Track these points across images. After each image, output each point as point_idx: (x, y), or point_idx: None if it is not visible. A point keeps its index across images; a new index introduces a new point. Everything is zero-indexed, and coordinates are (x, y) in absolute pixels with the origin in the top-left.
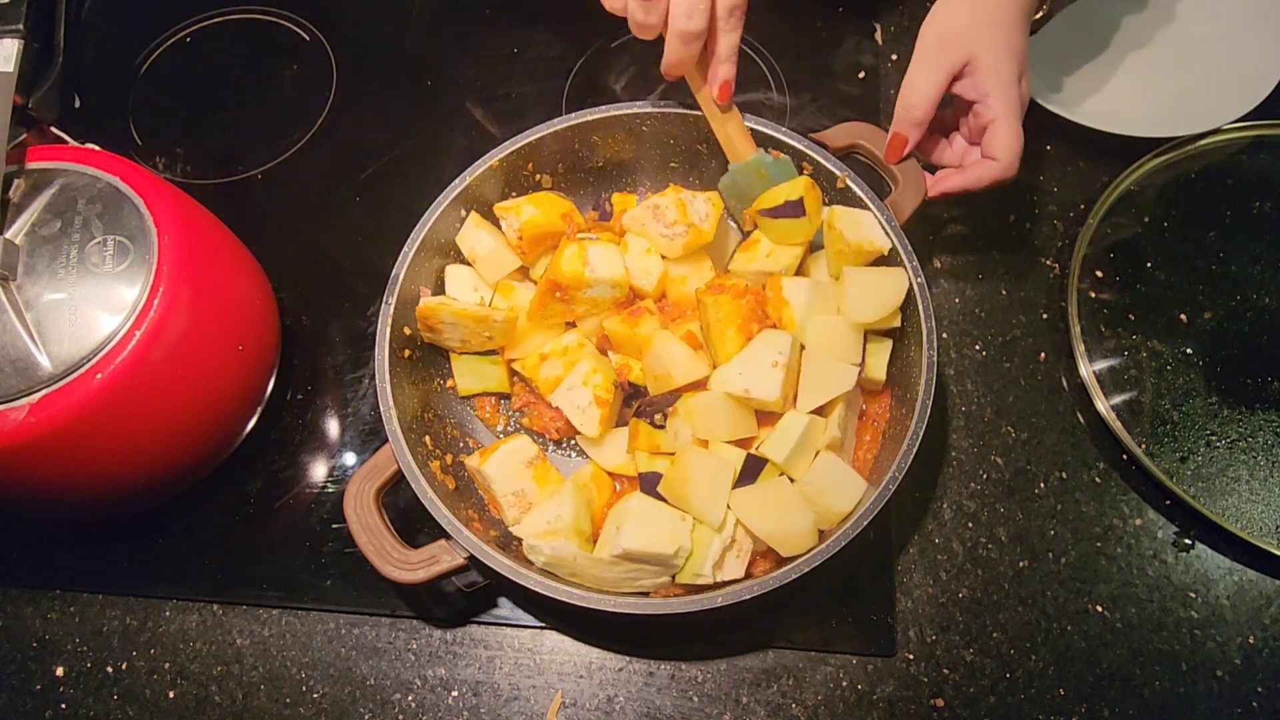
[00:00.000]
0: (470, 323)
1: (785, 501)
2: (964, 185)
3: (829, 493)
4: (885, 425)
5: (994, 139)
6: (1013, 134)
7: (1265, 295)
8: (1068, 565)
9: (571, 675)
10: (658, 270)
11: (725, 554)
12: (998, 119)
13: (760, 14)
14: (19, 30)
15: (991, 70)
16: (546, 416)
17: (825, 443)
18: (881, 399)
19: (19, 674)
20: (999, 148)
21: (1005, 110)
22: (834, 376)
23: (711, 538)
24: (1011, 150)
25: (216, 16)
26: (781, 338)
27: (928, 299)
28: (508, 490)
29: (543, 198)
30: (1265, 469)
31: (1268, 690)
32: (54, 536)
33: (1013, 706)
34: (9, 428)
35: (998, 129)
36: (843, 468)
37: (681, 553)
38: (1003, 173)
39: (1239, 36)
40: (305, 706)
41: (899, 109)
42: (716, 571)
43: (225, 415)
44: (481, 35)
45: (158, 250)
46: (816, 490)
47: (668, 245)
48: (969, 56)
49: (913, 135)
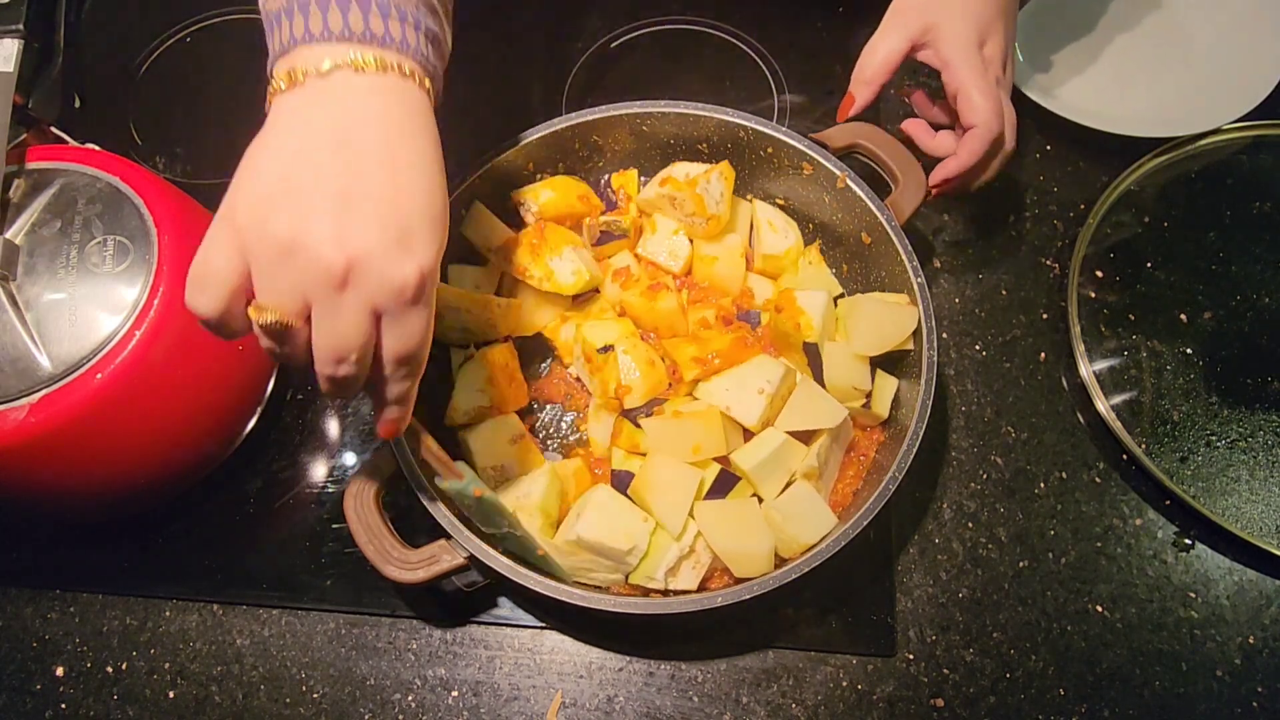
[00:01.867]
0: (474, 307)
1: (748, 521)
2: (958, 167)
3: (796, 521)
4: (870, 462)
5: (966, 105)
6: (982, 93)
7: (1265, 295)
8: (1068, 565)
9: (571, 675)
10: (685, 252)
11: (681, 562)
12: (963, 83)
13: (761, 15)
14: (19, 30)
15: (951, 36)
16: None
17: (802, 471)
18: (872, 434)
19: (19, 674)
20: (973, 112)
21: (969, 73)
22: (821, 409)
23: (669, 544)
24: (987, 111)
25: (216, 16)
26: (774, 367)
27: (928, 299)
28: (488, 464)
29: (559, 181)
30: (1265, 469)
31: (1268, 690)
32: (54, 536)
33: (1013, 706)
34: (9, 428)
35: (968, 94)
36: (815, 499)
37: (636, 552)
38: (987, 135)
39: (1239, 36)
40: (305, 706)
41: (855, 70)
42: (670, 578)
43: (225, 415)
44: (481, 35)
45: (158, 250)
46: (784, 516)
47: (691, 230)
48: (928, 23)
49: (860, 93)
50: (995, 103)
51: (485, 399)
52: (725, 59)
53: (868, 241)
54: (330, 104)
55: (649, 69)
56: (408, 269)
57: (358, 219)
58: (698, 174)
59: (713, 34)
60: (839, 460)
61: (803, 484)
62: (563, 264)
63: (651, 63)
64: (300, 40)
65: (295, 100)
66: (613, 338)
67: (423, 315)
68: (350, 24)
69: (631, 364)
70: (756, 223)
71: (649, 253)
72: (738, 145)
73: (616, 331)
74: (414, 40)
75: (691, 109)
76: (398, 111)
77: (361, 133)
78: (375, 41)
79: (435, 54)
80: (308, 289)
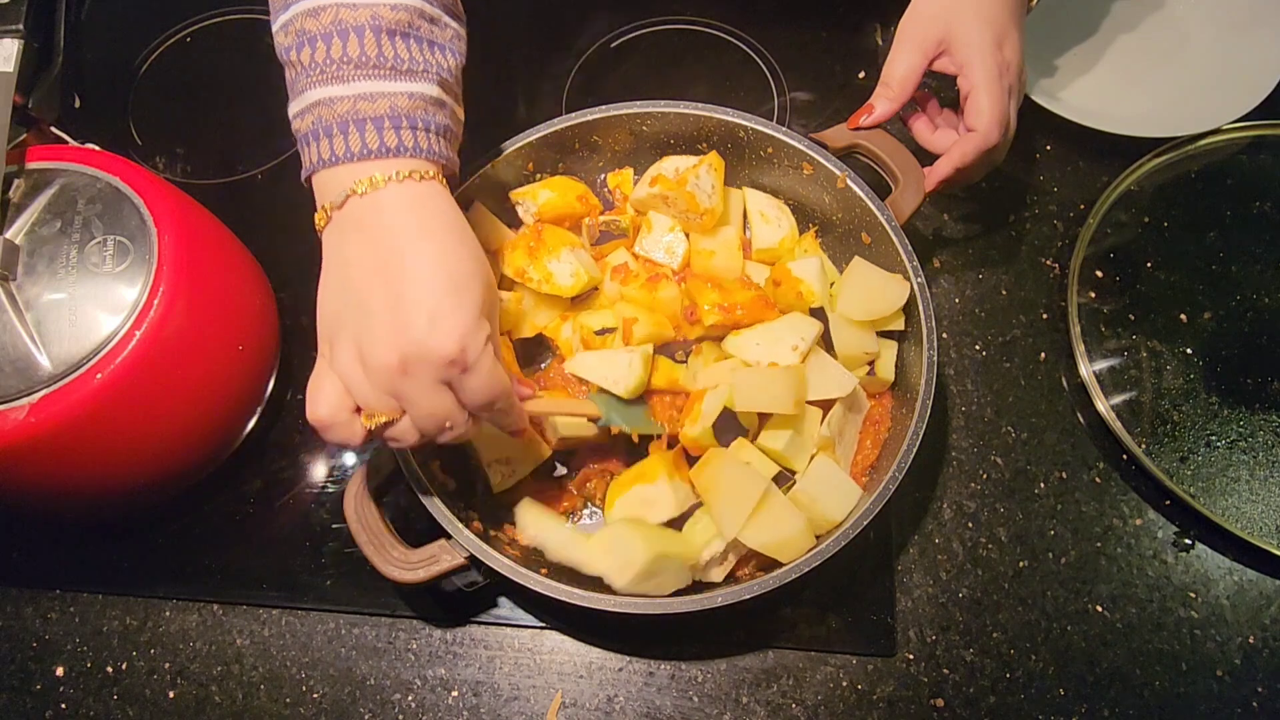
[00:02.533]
0: None
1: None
2: (951, 166)
3: (823, 500)
4: (886, 429)
5: (973, 109)
6: (991, 100)
7: (1265, 295)
8: (1068, 565)
9: (571, 675)
10: (681, 248)
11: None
12: (975, 86)
13: (761, 15)
14: (19, 30)
15: (966, 42)
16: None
17: (819, 443)
18: (884, 400)
19: (19, 674)
20: (976, 116)
21: (982, 77)
22: (833, 378)
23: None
24: (990, 117)
25: (216, 16)
26: (808, 325)
27: (928, 299)
28: (493, 458)
29: (557, 182)
30: (1265, 469)
31: (1268, 690)
32: (54, 536)
33: (1013, 706)
34: (9, 428)
35: (977, 97)
36: (838, 473)
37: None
38: (983, 142)
39: (1239, 36)
40: (305, 706)
41: (878, 86)
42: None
43: (225, 415)
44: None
45: (158, 250)
46: (810, 498)
47: (687, 225)
48: (945, 33)
49: (880, 107)
50: (1000, 113)
51: None
52: (725, 59)
53: (868, 241)
54: (360, 233)
55: (649, 69)
56: (445, 343)
57: (400, 321)
58: (687, 169)
59: (713, 34)
60: (856, 431)
61: (823, 459)
62: (561, 266)
63: (651, 63)
64: (327, 163)
65: (333, 237)
66: (611, 322)
67: (482, 369)
68: (368, 143)
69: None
70: (749, 214)
71: (646, 250)
72: (738, 145)
73: (614, 318)
74: (425, 143)
75: (691, 109)
76: (419, 213)
77: (390, 247)
78: (391, 154)
79: (448, 145)
80: (389, 388)
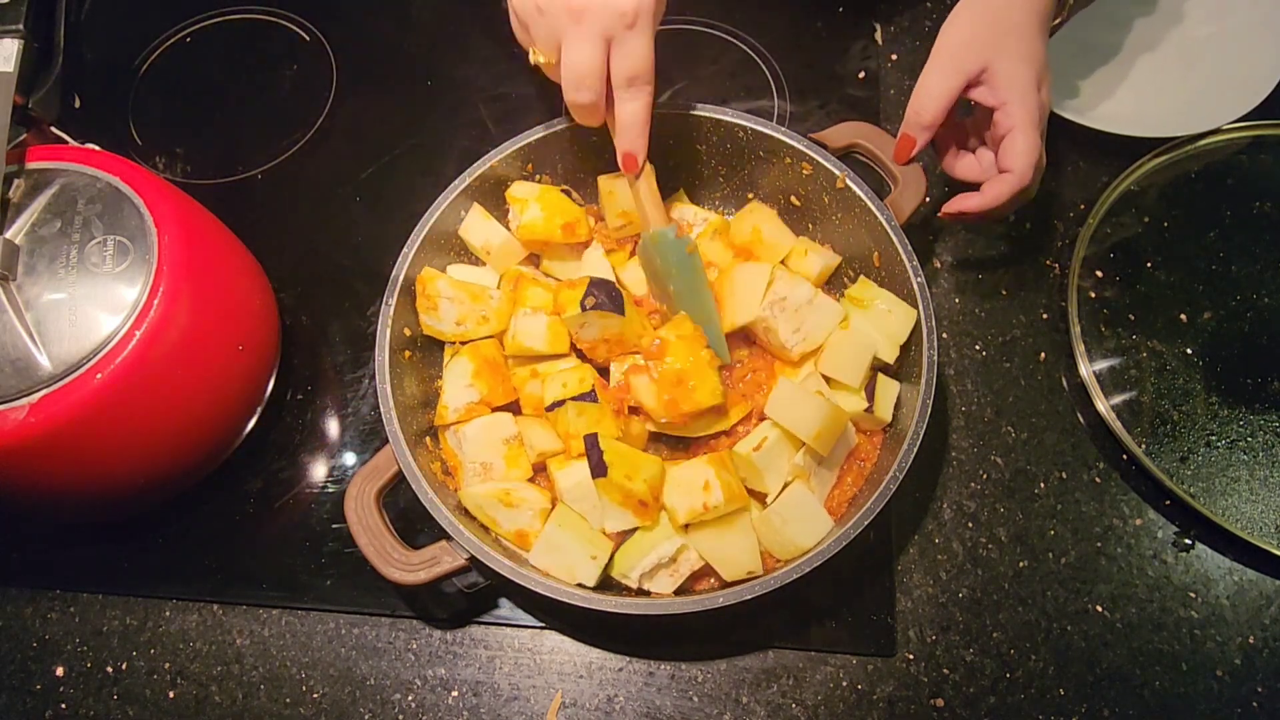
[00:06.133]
0: (467, 298)
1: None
2: (981, 205)
3: (793, 525)
4: (872, 465)
5: (1010, 149)
6: (1029, 144)
7: (1265, 295)
8: (1068, 565)
9: (571, 675)
10: None
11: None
12: (1015, 128)
13: (761, 15)
14: (19, 30)
15: (1010, 78)
16: None
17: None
18: (874, 439)
19: (19, 674)
20: (1014, 158)
21: (1023, 119)
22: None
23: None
24: (1026, 160)
25: (216, 16)
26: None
27: (928, 299)
28: (477, 459)
29: (553, 200)
30: (1265, 469)
31: (1268, 690)
32: (54, 536)
33: (1013, 706)
34: (9, 428)
35: (1014, 139)
36: (811, 502)
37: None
38: (1017, 184)
39: (1240, 37)
40: (305, 706)
41: (910, 111)
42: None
43: (225, 415)
44: (481, 35)
45: (158, 250)
46: (781, 521)
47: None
48: (986, 63)
49: (921, 138)
50: (1036, 155)
51: (474, 393)
52: (725, 59)
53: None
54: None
55: None
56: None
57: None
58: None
59: (713, 34)
60: (838, 464)
61: (798, 486)
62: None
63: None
64: None
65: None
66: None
67: (643, 39)
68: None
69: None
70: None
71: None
72: (738, 145)
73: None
74: None
75: (691, 109)
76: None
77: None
78: None
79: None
80: (556, 30)
